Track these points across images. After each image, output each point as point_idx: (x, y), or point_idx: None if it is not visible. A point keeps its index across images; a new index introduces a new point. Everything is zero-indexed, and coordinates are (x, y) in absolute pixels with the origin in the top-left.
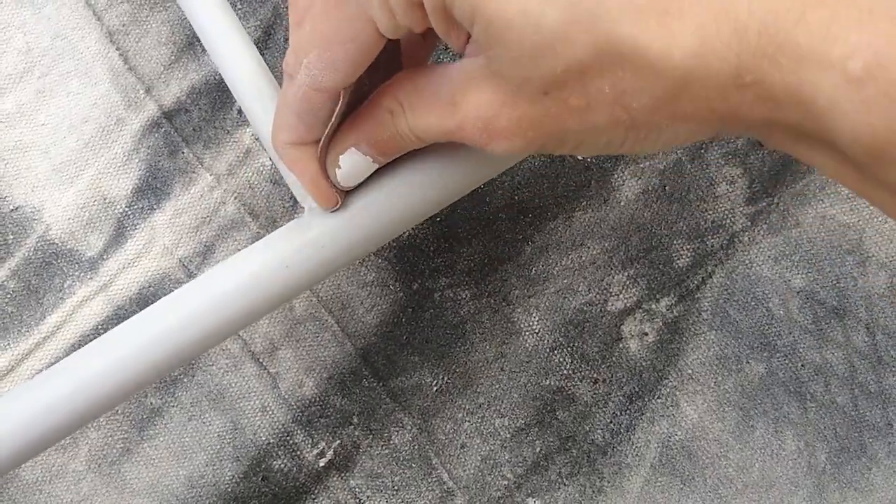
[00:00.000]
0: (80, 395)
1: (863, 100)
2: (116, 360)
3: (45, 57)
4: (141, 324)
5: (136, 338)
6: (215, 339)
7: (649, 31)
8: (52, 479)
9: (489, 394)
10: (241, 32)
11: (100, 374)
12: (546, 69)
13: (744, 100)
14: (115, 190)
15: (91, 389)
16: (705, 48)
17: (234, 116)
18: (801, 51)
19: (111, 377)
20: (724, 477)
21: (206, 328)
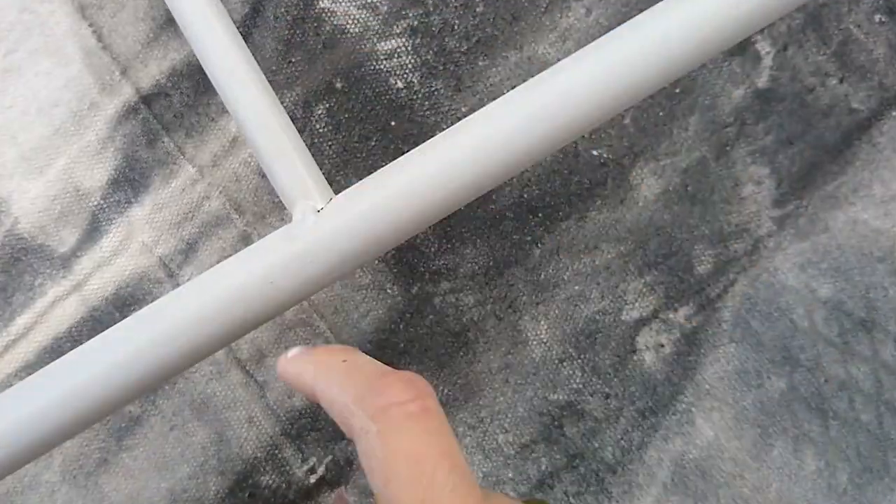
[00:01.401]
0: (53, 413)
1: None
2: (88, 378)
3: (11, 33)
4: (117, 338)
5: (112, 352)
6: (195, 357)
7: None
8: (24, 490)
9: (492, 407)
10: (221, 11)
11: (74, 392)
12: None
13: None
14: (89, 181)
15: (64, 407)
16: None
17: (218, 102)
18: None
19: (85, 395)
20: (740, 497)
21: (186, 345)
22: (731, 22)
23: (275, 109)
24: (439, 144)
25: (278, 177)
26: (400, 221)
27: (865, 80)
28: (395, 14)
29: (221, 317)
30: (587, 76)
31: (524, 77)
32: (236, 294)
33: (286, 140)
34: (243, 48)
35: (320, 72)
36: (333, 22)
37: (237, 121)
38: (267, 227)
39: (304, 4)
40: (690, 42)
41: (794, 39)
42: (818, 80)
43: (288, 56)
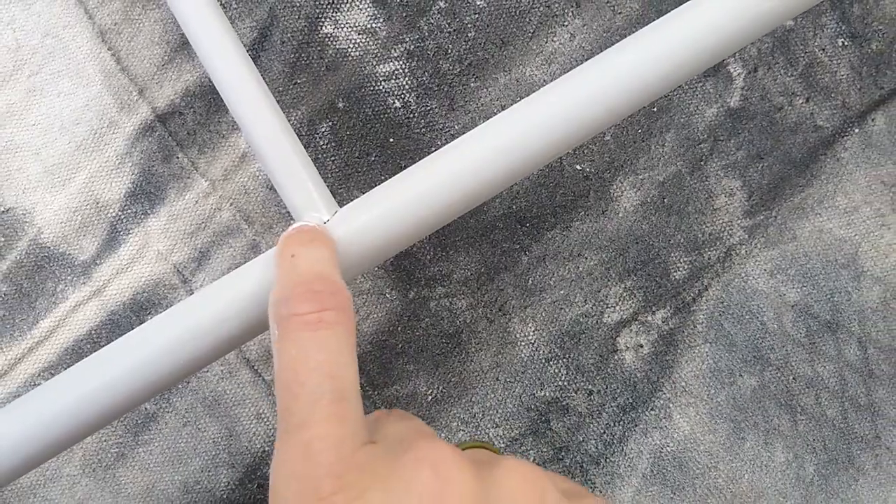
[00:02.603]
0: (78, 411)
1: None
2: (113, 378)
3: (36, 55)
4: (136, 341)
5: (131, 355)
6: (212, 357)
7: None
8: (46, 483)
9: (484, 403)
10: (233, 37)
11: (96, 391)
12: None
13: None
14: (108, 194)
15: (88, 405)
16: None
17: (228, 120)
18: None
19: (107, 394)
20: (714, 487)
21: (204, 346)
22: (706, 49)
23: (283, 127)
24: (436, 161)
25: (287, 190)
26: (399, 232)
27: (830, 100)
28: (393, 39)
29: (236, 319)
30: (571, 99)
31: (513, 97)
32: (250, 298)
33: (294, 156)
34: (253, 70)
35: (324, 92)
36: (336, 46)
37: (248, 138)
38: (274, 236)
39: (309, 30)
40: (666, 67)
41: (763, 62)
42: (786, 100)
43: (294, 78)
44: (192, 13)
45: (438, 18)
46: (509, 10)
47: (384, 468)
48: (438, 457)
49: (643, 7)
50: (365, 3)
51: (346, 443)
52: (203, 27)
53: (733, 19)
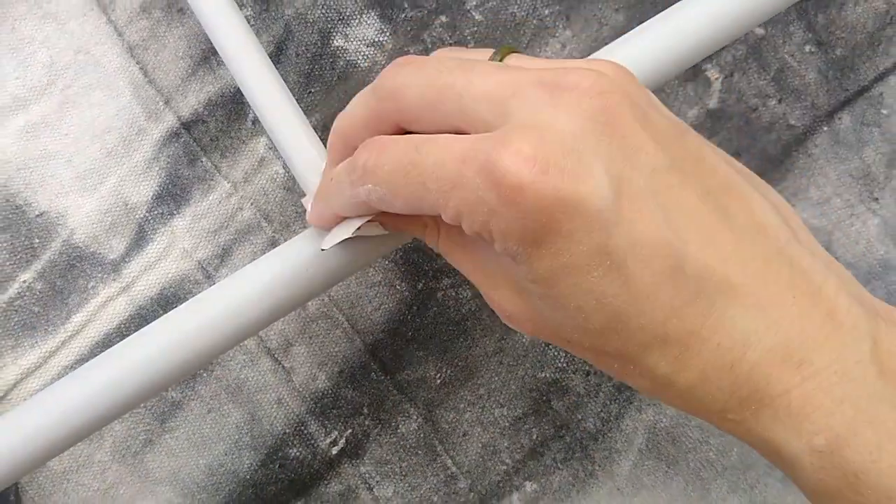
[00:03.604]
0: (109, 393)
1: (822, 465)
2: (143, 361)
3: (69, 70)
4: (166, 326)
5: (161, 339)
6: (235, 341)
7: (665, 359)
8: (78, 468)
9: (489, 385)
10: (258, 47)
11: (127, 374)
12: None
13: (723, 424)
14: (137, 196)
15: (119, 388)
16: (703, 386)
17: (248, 127)
18: (778, 416)
19: (138, 376)
20: (706, 460)
21: (228, 330)
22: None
23: (306, 129)
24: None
25: (310, 186)
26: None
27: (800, 101)
28: (398, 51)
29: (265, 300)
30: None
31: None
32: (277, 281)
33: (316, 155)
34: (278, 77)
35: (336, 100)
36: (346, 58)
37: (273, 138)
38: (291, 233)
39: (321, 43)
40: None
41: (738, 67)
42: (760, 102)
43: (308, 87)
44: (222, 28)
45: (440, 31)
46: (505, 23)
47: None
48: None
49: (627, 20)
50: (372, 19)
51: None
52: (232, 39)
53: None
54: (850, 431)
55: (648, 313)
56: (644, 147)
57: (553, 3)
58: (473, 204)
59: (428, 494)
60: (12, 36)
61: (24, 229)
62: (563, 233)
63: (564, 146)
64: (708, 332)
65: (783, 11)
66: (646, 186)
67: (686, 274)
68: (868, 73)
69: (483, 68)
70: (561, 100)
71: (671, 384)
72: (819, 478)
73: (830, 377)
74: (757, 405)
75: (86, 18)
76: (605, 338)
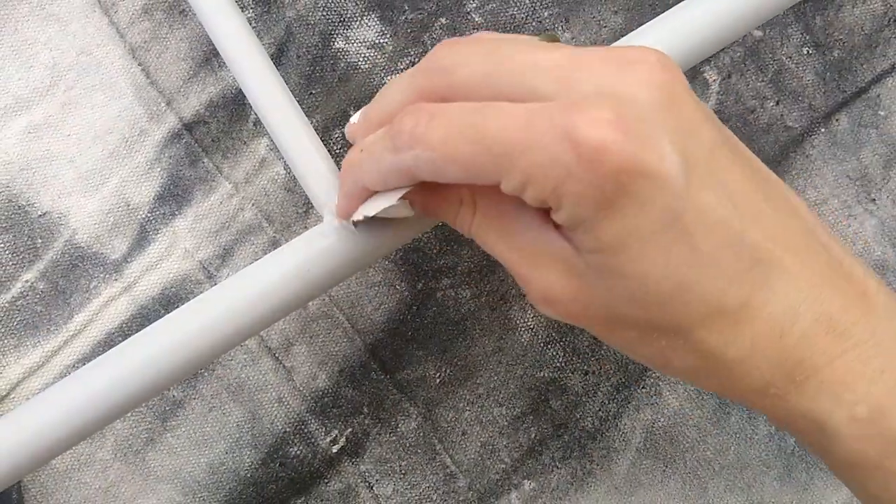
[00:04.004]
0: (111, 393)
1: (862, 434)
2: (145, 360)
3: (71, 71)
4: (168, 326)
5: (163, 339)
6: (237, 341)
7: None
8: (80, 467)
9: (488, 385)
10: (260, 48)
11: (129, 373)
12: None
13: (763, 401)
14: (139, 197)
15: (121, 387)
16: (751, 359)
17: (249, 128)
18: (822, 387)
19: (140, 376)
20: (703, 459)
21: (230, 330)
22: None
23: (307, 129)
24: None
25: (311, 185)
26: (413, 220)
27: (798, 103)
28: (399, 52)
29: (266, 301)
30: None
31: None
32: (282, 279)
33: (317, 155)
34: (279, 79)
35: (336, 102)
36: (347, 60)
37: (275, 139)
38: (292, 234)
39: (322, 45)
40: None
41: (736, 69)
42: (758, 103)
43: (309, 89)
44: (224, 29)
45: (440, 33)
46: (504, 25)
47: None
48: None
49: (626, 22)
50: (373, 21)
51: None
52: (234, 41)
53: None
54: (891, 400)
55: (711, 280)
56: (702, 124)
57: (552, 6)
58: (547, 167)
59: (427, 493)
60: (15, 37)
61: (27, 229)
62: (637, 196)
63: (639, 113)
64: (760, 301)
65: (781, 14)
66: (706, 160)
67: (745, 243)
68: (865, 75)
69: (542, 44)
70: (630, 72)
71: (719, 358)
72: (859, 447)
73: (869, 350)
74: (802, 376)
75: (88, 20)
76: (663, 308)
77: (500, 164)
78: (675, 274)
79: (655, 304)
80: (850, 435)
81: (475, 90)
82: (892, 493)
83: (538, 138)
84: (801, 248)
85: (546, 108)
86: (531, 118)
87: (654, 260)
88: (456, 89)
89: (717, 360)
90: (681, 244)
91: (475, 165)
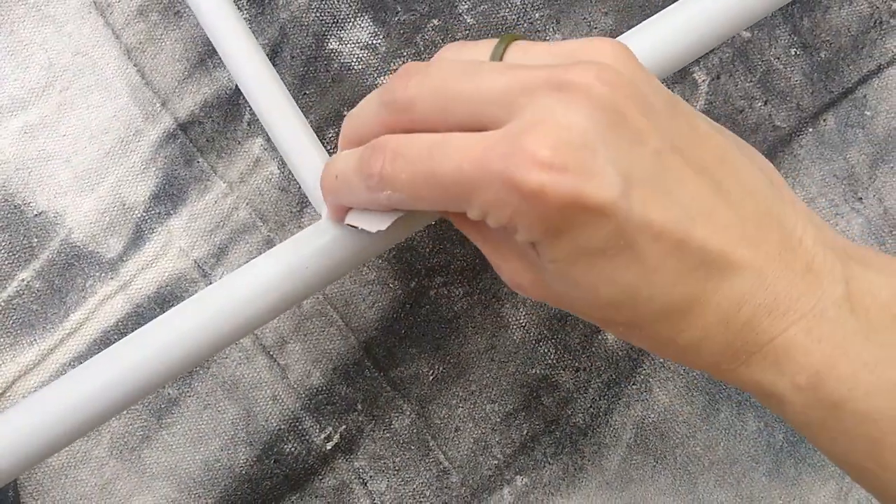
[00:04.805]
0: (107, 391)
1: (806, 400)
2: (141, 359)
3: (67, 72)
4: (164, 324)
5: (159, 337)
6: (232, 339)
7: (668, 325)
8: (76, 464)
9: (481, 382)
10: (257, 46)
11: (125, 371)
12: (598, 314)
13: (717, 373)
14: (134, 196)
15: (117, 385)
16: (702, 343)
17: (244, 128)
18: (766, 362)
19: (135, 374)
20: (693, 455)
21: (225, 328)
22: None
23: (304, 127)
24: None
25: (309, 183)
26: (407, 218)
27: (785, 103)
28: (392, 53)
29: (261, 299)
30: None
31: None
32: (277, 277)
33: (314, 152)
34: (276, 77)
35: (330, 102)
36: (340, 60)
37: (272, 136)
38: (286, 233)
39: (316, 46)
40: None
41: (725, 70)
42: (746, 103)
43: (303, 89)
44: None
45: (433, 35)
46: (496, 26)
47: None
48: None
49: (616, 23)
50: (366, 22)
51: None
52: (231, 39)
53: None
54: (828, 367)
55: (657, 285)
56: (647, 133)
57: (543, 7)
58: (496, 204)
59: (421, 489)
60: (11, 38)
61: (23, 229)
62: (580, 224)
63: (577, 143)
64: (707, 295)
65: (769, 15)
66: (651, 171)
67: (690, 247)
68: (852, 76)
69: (489, 71)
70: (569, 96)
71: (673, 343)
72: (805, 412)
73: (810, 321)
74: (747, 355)
75: (84, 21)
76: (615, 310)
77: (459, 201)
78: (623, 284)
79: (608, 308)
80: (797, 401)
81: (433, 124)
82: (839, 448)
83: (486, 181)
84: (753, 235)
85: (492, 145)
86: (481, 158)
87: (602, 273)
88: (416, 124)
89: (671, 345)
90: (626, 257)
91: (441, 203)
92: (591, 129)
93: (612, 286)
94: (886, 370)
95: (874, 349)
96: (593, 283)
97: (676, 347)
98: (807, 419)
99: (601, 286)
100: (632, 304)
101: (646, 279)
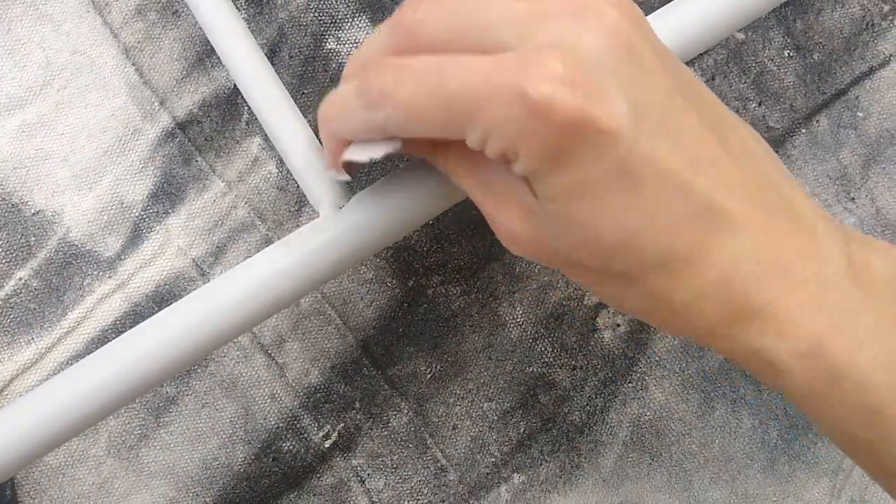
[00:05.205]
0: (104, 389)
1: (807, 367)
2: (138, 357)
3: (65, 71)
4: (162, 323)
5: (156, 336)
6: (230, 337)
7: (666, 278)
8: (74, 463)
9: (478, 380)
10: (255, 45)
11: (123, 370)
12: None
13: (712, 341)
14: (132, 195)
15: (114, 384)
16: (698, 302)
17: (242, 127)
18: (767, 325)
19: (133, 372)
20: (688, 452)
21: (223, 327)
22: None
23: (302, 125)
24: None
25: (307, 181)
26: (404, 216)
27: (779, 104)
28: None
29: (259, 297)
30: None
31: None
32: (275, 275)
33: (312, 152)
34: (275, 75)
35: None
36: (338, 60)
37: (270, 134)
38: (284, 231)
39: (314, 46)
40: None
41: (719, 71)
42: (741, 104)
43: (301, 89)
44: (220, 26)
45: None
46: None
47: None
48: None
49: None
50: (364, 22)
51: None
52: (230, 37)
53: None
54: (830, 335)
55: (659, 229)
56: (658, 73)
57: None
58: (502, 123)
59: (418, 486)
60: (8, 37)
61: (21, 227)
62: (586, 150)
63: (590, 64)
64: (708, 248)
65: (763, 17)
66: (661, 108)
67: (694, 193)
68: (845, 77)
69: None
70: (586, 21)
71: (667, 302)
72: (805, 380)
73: (812, 287)
74: (746, 317)
75: (82, 20)
76: (614, 255)
77: (462, 121)
78: (624, 223)
79: (606, 251)
80: (797, 369)
81: (440, 46)
82: (840, 420)
83: (494, 95)
84: (754, 195)
85: (502, 62)
86: (491, 73)
87: (604, 210)
88: (423, 49)
89: (666, 304)
90: (629, 194)
91: (440, 123)
92: (606, 56)
93: (613, 225)
94: (891, 340)
95: (878, 319)
96: (593, 221)
97: (671, 307)
98: (808, 388)
99: (601, 225)
100: (631, 250)
101: (649, 221)
